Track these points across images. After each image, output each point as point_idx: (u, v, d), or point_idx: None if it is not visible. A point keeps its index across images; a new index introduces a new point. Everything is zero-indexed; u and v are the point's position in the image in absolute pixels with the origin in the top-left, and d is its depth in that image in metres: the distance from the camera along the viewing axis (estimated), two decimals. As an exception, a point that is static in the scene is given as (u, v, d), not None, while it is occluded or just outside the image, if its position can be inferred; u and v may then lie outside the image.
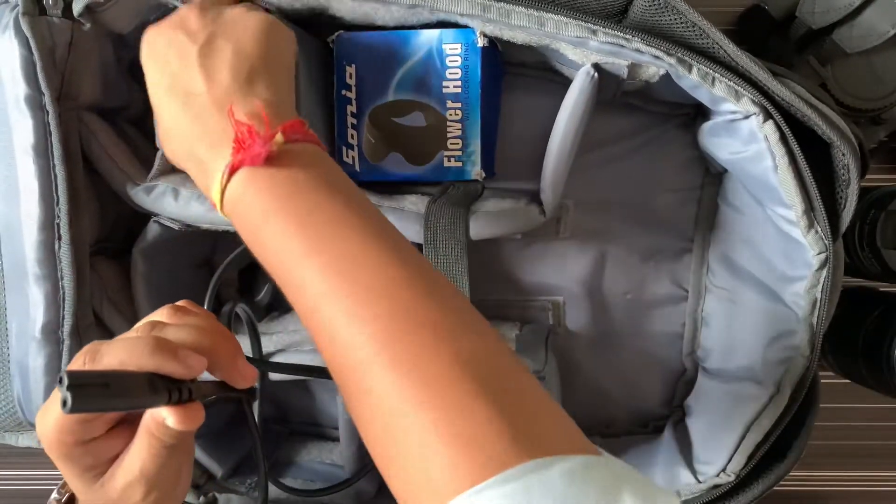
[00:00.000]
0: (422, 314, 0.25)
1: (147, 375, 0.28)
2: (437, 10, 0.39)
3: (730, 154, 0.41)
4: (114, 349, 0.28)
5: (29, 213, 0.39)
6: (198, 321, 0.32)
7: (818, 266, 0.39)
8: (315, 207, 0.28)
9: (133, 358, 0.28)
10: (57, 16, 0.39)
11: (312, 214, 0.28)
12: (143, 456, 0.30)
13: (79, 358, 0.28)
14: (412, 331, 0.25)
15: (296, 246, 0.28)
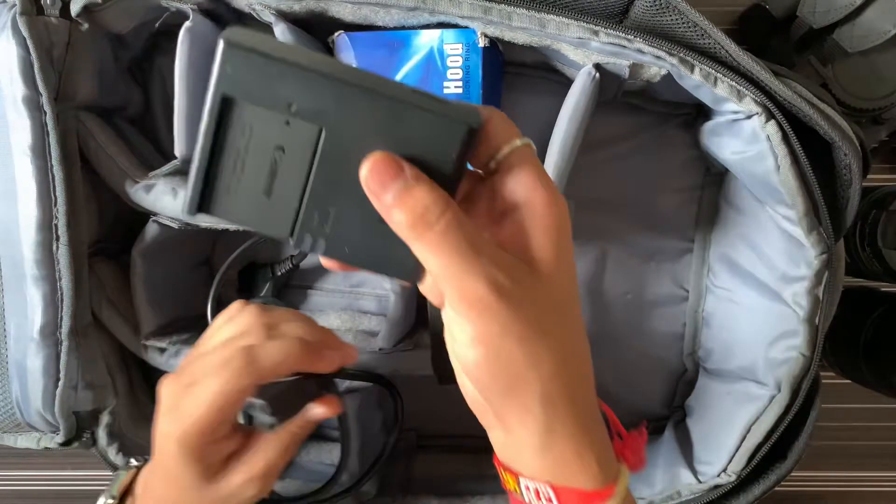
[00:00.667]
0: None
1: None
2: (438, 13, 0.39)
3: (731, 154, 0.41)
4: (268, 353, 0.32)
5: (27, 214, 0.39)
6: (291, 316, 0.36)
7: (820, 266, 0.39)
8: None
9: (289, 361, 0.33)
10: (55, 16, 0.39)
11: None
12: (272, 453, 0.34)
13: (232, 360, 0.32)
14: None
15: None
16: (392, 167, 0.23)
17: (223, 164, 0.24)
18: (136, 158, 0.44)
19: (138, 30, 0.43)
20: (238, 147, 0.24)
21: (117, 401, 0.46)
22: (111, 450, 0.45)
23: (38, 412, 0.42)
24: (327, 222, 0.25)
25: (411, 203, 0.23)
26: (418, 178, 0.23)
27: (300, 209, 0.24)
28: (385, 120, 0.23)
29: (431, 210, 0.23)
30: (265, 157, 0.24)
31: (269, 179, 0.24)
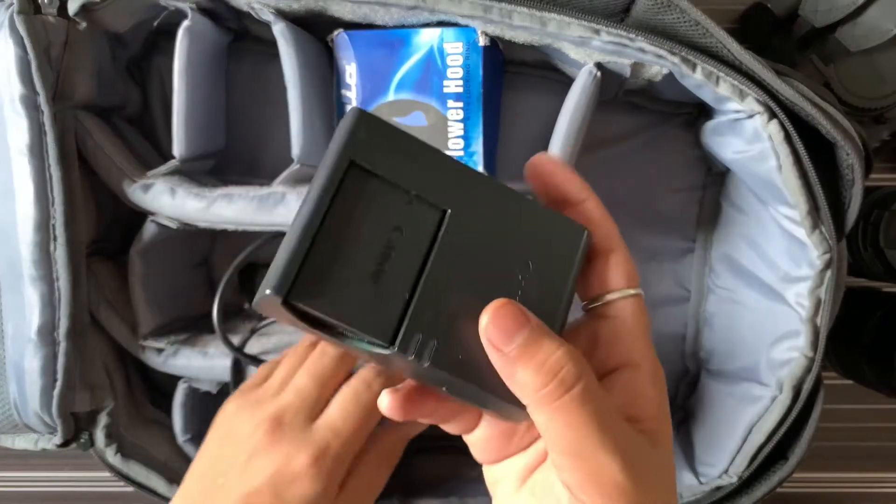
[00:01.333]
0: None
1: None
2: (438, 12, 0.38)
3: (733, 153, 0.41)
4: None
5: (24, 214, 0.39)
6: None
7: (822, 266, 0.39)
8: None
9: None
10: (52, 14, 0.39)
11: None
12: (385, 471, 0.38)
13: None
14: None
15: None
16: (519, 316, 0.20)
17: (328, 241, 0.20)
18: (135, 158, 0.44)
19: (136, 29, 0.43)
20: (352, 221, 0.20)
21: (115, 402, 0.46)
22: (109, 451, 0.45)
23: (35, 413, 0.42)
24: (439, 322, 0.21)
25: (541, 359, 0.20)
26: (546, 331, 0.21)
27: (411, 303, 0.20)
28: (510, 213, 0.22)
29: (568, 372, 0.20)
30: (380, 238, 0.20)
31: (379, 264, 0.20)
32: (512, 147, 0.47)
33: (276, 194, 0.41)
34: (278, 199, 0.41)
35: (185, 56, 0.41)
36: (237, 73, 0.48)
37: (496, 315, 0.20)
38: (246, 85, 0.48)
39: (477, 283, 0.21)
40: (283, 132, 0.43)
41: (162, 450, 0.47)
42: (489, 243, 0.22)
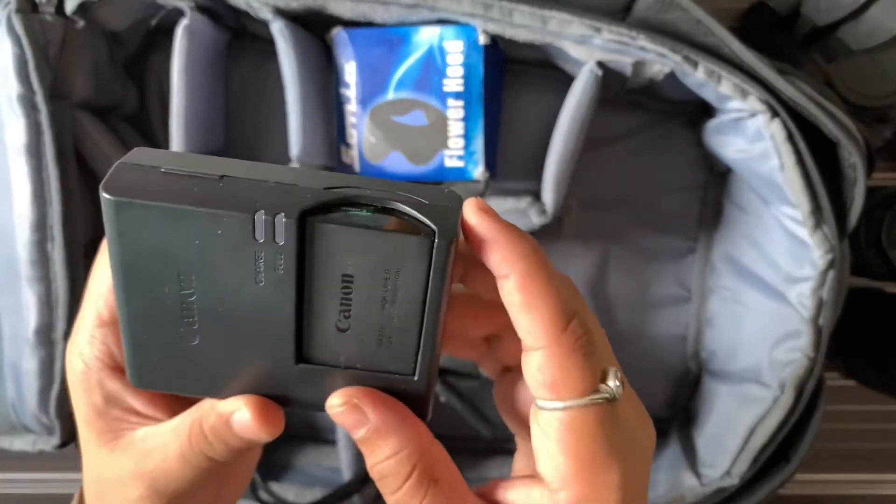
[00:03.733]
0: None
1: None
2: (438, 10, 0.38)
3: (735, 153, 0.41)
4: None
5: (21, 214, 0.39)
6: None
7: (825, 267, 0.39)
8: None
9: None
10: (50, 13, 0.39)
11: None
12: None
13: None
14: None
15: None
16: (359, 415, 0.22)
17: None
18: (133, 157, 0.43)
19: (134, 27, 0.43)
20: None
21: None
22: (107, 452, 0.44)
23: (33, 414, 0.42)
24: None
25: (375, 459, 0.22)
26: (384, 432, 0.22)
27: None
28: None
29: (391, 482, 0.22)
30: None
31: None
32: (513, 146, 0.47)
33: (274, 194, 0.41)
34: (277, 199, 0.41)
35: (183, 55, 0.40)
36: (236, 71, 0.47)
37: (342, 410, 0.22)
38: (244, 84, 0.48)
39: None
40: (282, 131, 0.43)
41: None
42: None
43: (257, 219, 0.19)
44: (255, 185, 0.19)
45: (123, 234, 0.20)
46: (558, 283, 0.21)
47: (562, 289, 0.21)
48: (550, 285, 0.20)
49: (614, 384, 0.22)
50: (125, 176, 0.20)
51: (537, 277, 0.20)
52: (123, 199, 0.19)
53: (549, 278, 0.21)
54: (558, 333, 0.20)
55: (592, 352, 0.21)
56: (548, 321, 0.20)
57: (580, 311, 0.21)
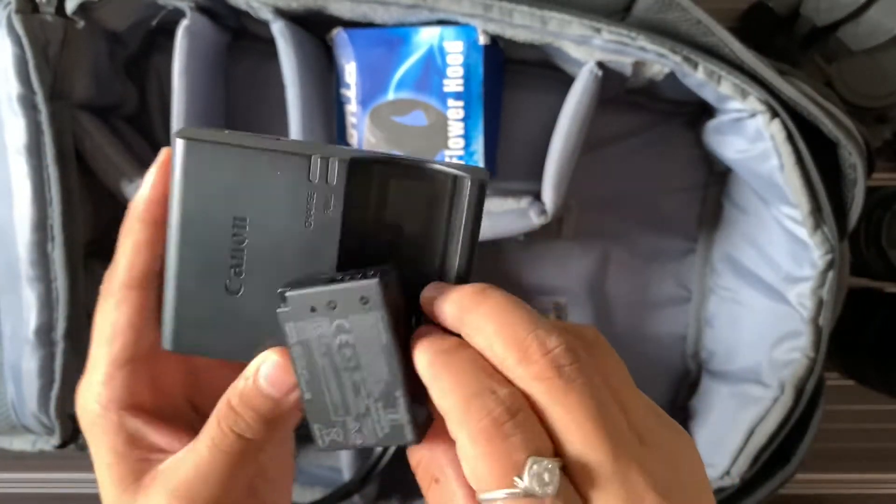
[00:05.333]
0: None
1: None
2: (438, 10, 0.38)
3: (735, 153, 0.41)
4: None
5: (22, 214, 0.39)
6: None
7: (824, 267, 0.39)
8: None
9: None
10: (50, 13, 0.39)
11: None
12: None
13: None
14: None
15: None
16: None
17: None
18: (132, 157, 0.43)
19: (134, 28, 0.43)
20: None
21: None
22: (107, 452, 0.44)
23: (33, 414, 0.42)
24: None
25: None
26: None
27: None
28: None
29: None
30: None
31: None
32: (513, 146, 0.47)
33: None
34: (277, 199, 0.41)
35: (184, 55, 0.40)
36: (236, 71, 0.47)
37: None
38: (245, 84, 0.48)
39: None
40: (282, 131, 0.43)
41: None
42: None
43: (313, 161, 0.22)
44: (307, 142, 0.23)
45: (189, 177, 0.22)
46: (458, 357, 0.20)
47: (461, 363, 0.20)
48: (448, 367, 0.20)
49: (532, 478, 0.18)
50: (193, 132, 0.22)
51: (437, 362, 0.20)
52: (195, 139, 0.22)
53: (464, 351, 0.20)
54: (460, 419, 0.19)
55: (506, 434, 0.18)
56: (450, 407, 0.19)
57: (492, 386, 0.19)
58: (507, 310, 0.20)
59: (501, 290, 0.21)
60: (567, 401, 0.19)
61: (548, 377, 0.19)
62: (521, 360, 0.19)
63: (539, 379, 0.19)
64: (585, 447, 0.18)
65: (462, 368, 0.19)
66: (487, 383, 0.19)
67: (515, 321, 0.20)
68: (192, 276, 0.23)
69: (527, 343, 0.19)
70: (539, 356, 0.19)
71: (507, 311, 0.20)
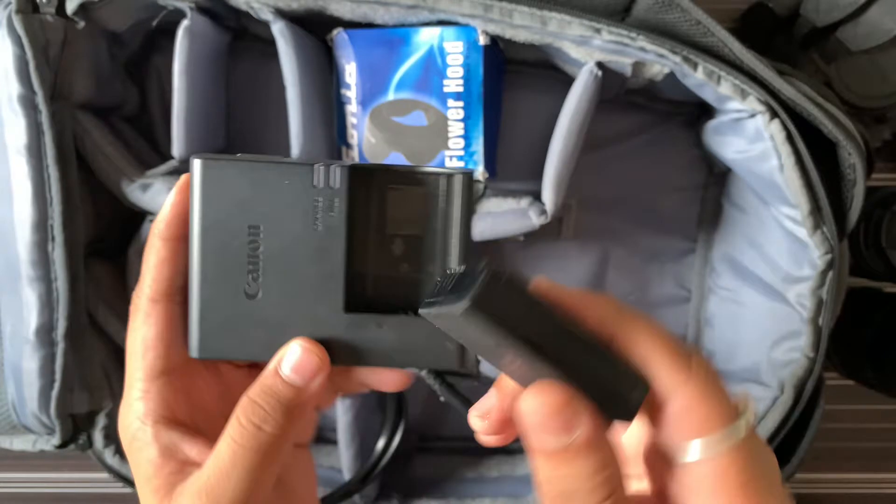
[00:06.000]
0: None
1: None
2: (438, 11, 0.38)
3: (735, 153, 0.41)
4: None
5: (22, 214, 0.39)
6: None
7: (824, 267, 0.39)
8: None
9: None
10: (50, 14, 0.39)
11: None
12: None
13: None
14: None
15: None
16: (569, 414, 0.19)
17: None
18: (133, 157, 0.43)
19: (135, 28, 0.43)
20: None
21: (114, 403, 0.45)
22: (107, 452, 0.44)
23: (33, 414, 0.42)
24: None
25: (574, 473, 0.19)
26: (599, 439, 0.19)
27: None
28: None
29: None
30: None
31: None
32: (513, 147, 0.47)
33: (275, 194, 0.41)
34: (278, 199, 0.41)
35: (184, 56, 0.40)
36: (236, 72, 0.47)
37: (551, 407, 0.19)
38: (245, 84, 0.48)
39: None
40: (283, 132, 0.43)
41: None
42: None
43: (316, 168, 0.24)
44: (310, 158, 0.28)
45: (206, 193, 0.24)
46: (651, 321, 0.20)
47: (659, 325, 0.20)
48: (650, 326, 0.20)
49: (751, 405, 0.20)
50: (208, 155, 0.25)
51: (637, 325, 0.20)
52: (211, 160, 0.24)
53: (648, 321, 0.20)
54: (688, 370, 0.19)
55: (718, 382, 0.20)
56: (672, 362, 0.19)
57: (690, 349, 0.21)
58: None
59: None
60: None
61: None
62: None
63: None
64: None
65: (657, 325, 0.21)
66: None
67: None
68: (213, 285, 0.25)
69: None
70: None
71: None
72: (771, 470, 0.20)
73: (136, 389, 0.25)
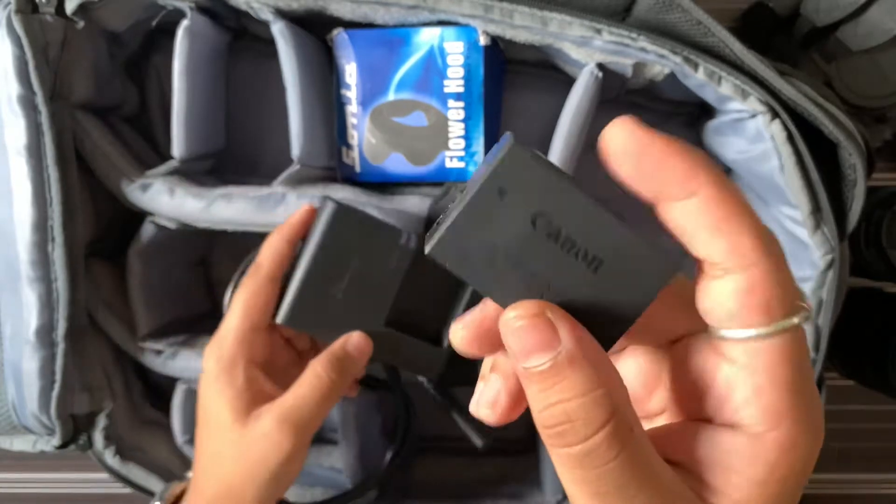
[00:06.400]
0: None
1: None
2: (438, 11, 0.38)
3: (735, 153, 0.41)
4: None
5: (22, 215, 0.39)
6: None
7: (824, 267, 0.39)
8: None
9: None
10: (50, 14, 0.38)
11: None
12: (306, 392, 0.36)
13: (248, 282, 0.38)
14: None
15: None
16: (546, 329, 0.18)
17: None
18: (133, 157, 0.43)
19: (134, 28, 0.43)
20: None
21: (114, 403, 0.45)
22: (108, 453, 0.44)
23: (33, 415, 0.42)
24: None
25: (566, 396, 0.17)
26: (579, 360, 0.17)
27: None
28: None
29: (578, 429, 0.17)
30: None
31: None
32: (513, 147, 0.47)
33: (276, 194, 0.41)
34: (278, 200, 0.41)
35: (184, 56, 0.40)
36: (236, 72, 0.47)
37: (525, 324, 0.18)
38: (245, 84, 0.48)
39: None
40: (283, 132, 0.43)
41: (161, 452, 0.47)
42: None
43: (404, 233, 0.38)
44: (402, 225, 0.41)
45: (329, 226, 0.37)
46: (738, 188, 0.18)
47: (743, 195, 0.18)
48: (740, 192, 0.18)
49: (807, 302, 0.18)
50: (339, 201, 0.38)
51: (730, 186, 0.17)
52: (341, 207, 0.38)
53: (735, 186, 0.18)
54: (766, 247, 0.17)
55: (787, 262, 0.18)
56: (756, 235, 0.17)
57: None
58: None
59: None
60: None
61: None
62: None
63: None
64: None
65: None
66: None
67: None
68: (312, 280, 0.37)
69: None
70: None
71: None
72: (811, 374, 0.19)
73: (232, 333, 0.36)
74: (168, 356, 0.46)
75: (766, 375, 0.18)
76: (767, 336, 0.17)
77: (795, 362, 0.18)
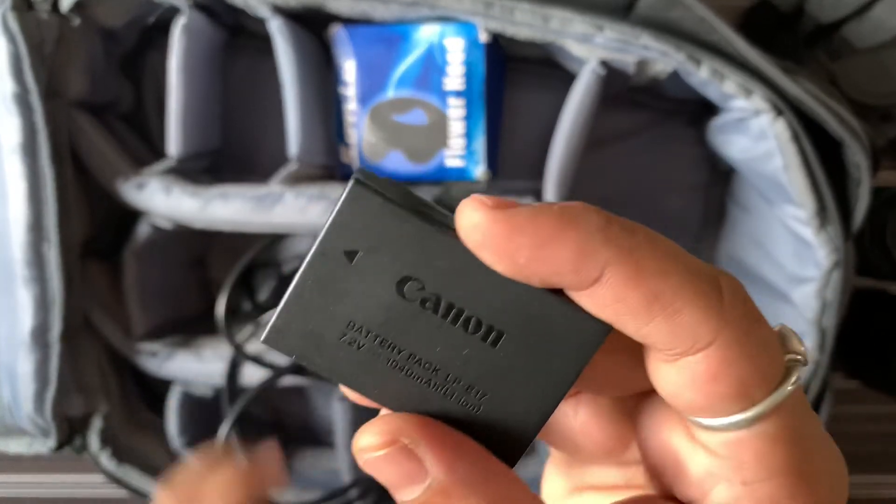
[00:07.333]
0: None
1: None
2: (438, 8, 0.38)
3: (739, 152, 0.40)
4: None
5: (16, 214, 0.38)
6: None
7: (829, 267, 0.38)
8: None
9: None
10: (45, 11, 0.38)
11: None
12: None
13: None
14: None
15: None
16: (405, 461, 0.14)
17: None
18: (128, 156, 0.43)
19: (131, 25, 0.43)
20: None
21: (110, 405, 0.45)
22: (103, 455, 0.44)
23: (29, 416, 0.42)
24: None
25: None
26: (461, 488, 0.14)
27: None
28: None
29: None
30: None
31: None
32: (514, 145, 0.47)
33: (273, 193, 0.41)
34: (276, 199, 0.41)
35: (181, 53, 0.40)
36: (233, 69, 0.47)
37: (381, 455, 0.14)
38: (242, 82, 0.47)
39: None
40: (280, 130, 0.42)
41: (156, 454, 0.47)
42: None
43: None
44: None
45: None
46: (663, 246, 0.14)
47: (677, 252, 0.14)
48: (666, 247, 0.14)
49: (800, 345, 0.14)
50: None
51: (649, 247, 0.13)
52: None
53: (660, 240, 0.14)
54: (720, 315, 0.13)
55: (760, 319, 0.14)
56: (704, 303, 0.13)
57: (714, 270, 0.14)
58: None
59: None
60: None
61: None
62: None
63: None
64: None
65: (674, 252, 0.15)
66: (699, 263, 0.15)
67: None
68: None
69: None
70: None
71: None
72: (817, 431, 0.15)
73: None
74: (163, 357, 0.45)
75: (757, 467, 0.14)
76: (753, 422, 0.14)
77: (795, 437, 0.14)
